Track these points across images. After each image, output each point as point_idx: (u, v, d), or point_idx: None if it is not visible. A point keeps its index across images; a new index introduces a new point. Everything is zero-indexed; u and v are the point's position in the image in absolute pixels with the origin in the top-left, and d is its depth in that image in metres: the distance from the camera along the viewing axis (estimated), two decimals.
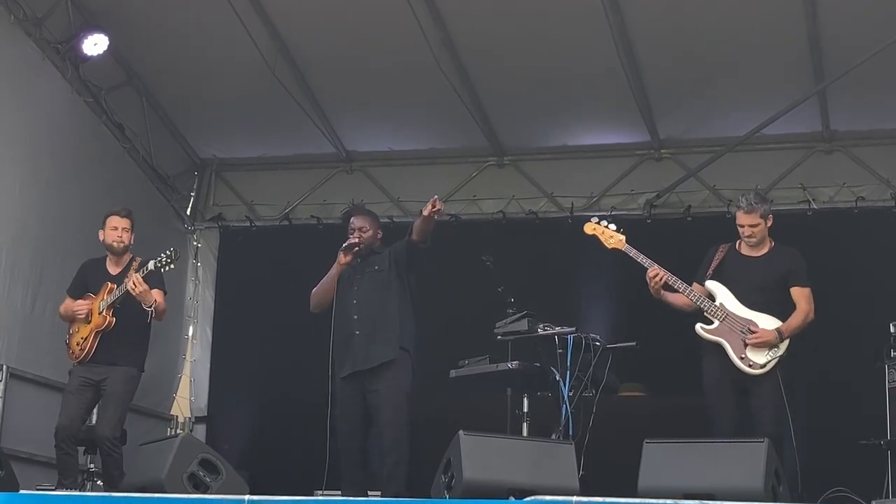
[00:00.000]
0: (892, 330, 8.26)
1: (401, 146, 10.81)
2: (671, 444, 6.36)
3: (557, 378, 7.57)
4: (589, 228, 7.77)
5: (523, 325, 7.80)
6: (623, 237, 7.61)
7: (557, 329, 7.75)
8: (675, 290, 7.42)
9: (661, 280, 7.37)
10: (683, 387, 9.49)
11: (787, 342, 7.22)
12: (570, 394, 7.53)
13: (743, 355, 7.20)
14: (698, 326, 7.35)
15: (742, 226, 7.46)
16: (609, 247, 7.65)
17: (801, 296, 7.35)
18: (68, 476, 7.80)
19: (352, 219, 8.02)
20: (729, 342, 7.25)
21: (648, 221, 10.28)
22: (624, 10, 8.94)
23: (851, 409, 8.67)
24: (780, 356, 7.19)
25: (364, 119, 10.55)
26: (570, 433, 7.41)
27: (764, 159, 10.06)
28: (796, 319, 7.28)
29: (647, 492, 6.05)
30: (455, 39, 9.45)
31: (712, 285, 7.42)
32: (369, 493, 7.69)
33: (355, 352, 7.68)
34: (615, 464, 6.98)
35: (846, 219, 9.83)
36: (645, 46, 9.29)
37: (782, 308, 7.31)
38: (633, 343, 7.99)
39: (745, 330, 7.22)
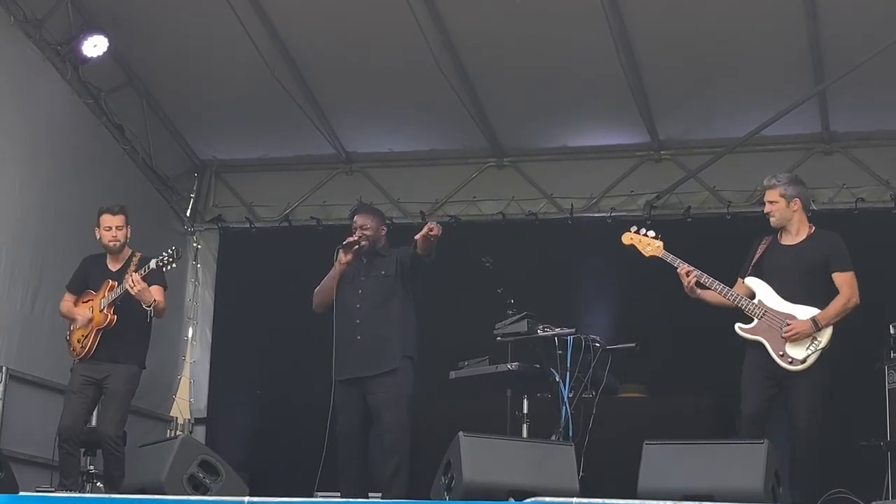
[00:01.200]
0: (891, 331, 8.26)
1: (401, 147, 10.81)
2: (671, 445, 6.34)
3: (557, 379, 7.57)
4: (626, 239, 7.55)
5: (523, 326, 7.79)
6: (661, 244, 7.40)
7: (557, 330, 7.75)
8: (707, 288, 7.21)
9: (693, 277, 7.16)
10: (683, 388, 9.54)
11: (829, 332, 6.97)
12: (570, 395, 7.52)
13: (782, 352, 6.97)
14: (737, 326, 7.14)
15: (764, 201, 7.32)
16: (647, 255, 7.44)
17: (842, 281, 7.10)
18: (69, 476, 7.79)
19: (355, 217, 8.01)
20: (768, 340, 7.02)
21: (648, 223, 10.24)
22: (623, 10, 8.95)
23: (851, 410, 8.66)
24: (823, 348, 6.95)
25: (364, 120, 10.55)
26: (570, 434, 7.41)
27: (764, 160, 10.02)
28: (835, 306, 7.02)
29: (647, 493, 6.04)
30: (455, 40, 9.45)
31: (751, 282, 7.21)
32: (369, 494, 7.69)
33: (356, 357, 7.67)
34: (615, 465, 6.99)
35: (846, 220, 9.80)
36: (645, 47, 9.29)
37: (825, 297, 7.06)
38: (633, 344, 7.98)
39: (784, 325, 6.99)
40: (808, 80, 9.28)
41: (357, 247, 7.80)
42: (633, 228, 7.58)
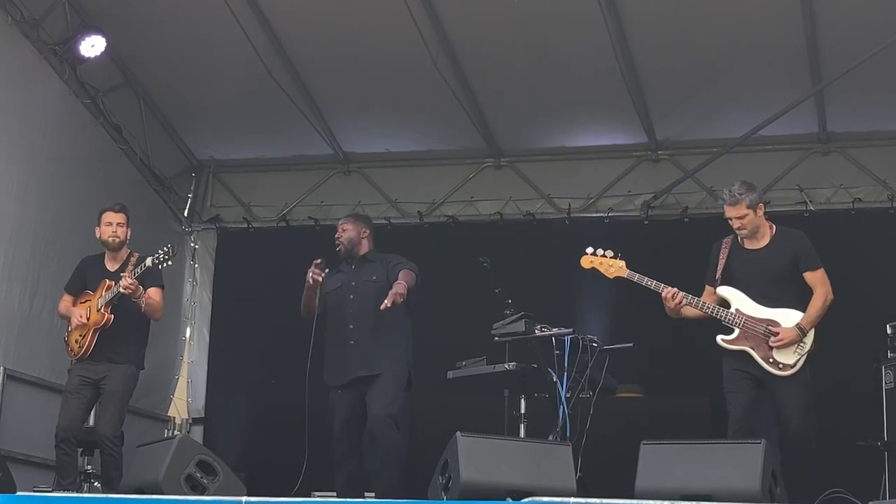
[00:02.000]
0: (888, 331, 8.27)
1: (398, 147, 10.81)
2: (668, 445, 6.34)
3: (555, 379, 7.56)
4: (586, 262, 7.46)
5: (520, 326, 7.78)
6: (623, 263, 7.32)
7: (555, 330, 7.73)
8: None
9: (680, 301, 7.12)
10: (680, 388, 9.56)
11: (812, 334, 6.99)
12: (568, 395, 7.52)
13: (771, 359, 6.97)
14: (719, 338, 7.10)
15: (730, 218, 7.18)
16: (611, 277, 7.37)
17: (815, 280, 7.09)
18: (66, 477, 7.79)
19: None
20: (753, 348, 7.01)
21: (645, 223, 10.29)
22: (621, 11, 8.95)
23: (848, 410, 8.68)
24: (808, 351, 6.97)
25: (361, 120, 10.55)
26: (568, 434, 7.40)
27: (761, 161, 10.06)
28: (815, 307, 7.02)
29: (645, 493, 6.04)
30: (453, 41, 9.45)
31: (724, 291, 7.16)
32: (365, 494, 7.69)
33: (350, 361, 7.71)
34: (612, 465, 6.99)
35: (843, 220, 9.84)
36: (642, 48, 9.30)
37: (799, 295, 7.06)
38: (631, 344, 7.97)
39: (767, 331, 6.98)
40: (805, 80, 9.29)
41: (319, 280, 7.79)
42: (590, 250, 7.46)
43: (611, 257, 7.37)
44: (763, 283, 7.11)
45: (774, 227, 7.27)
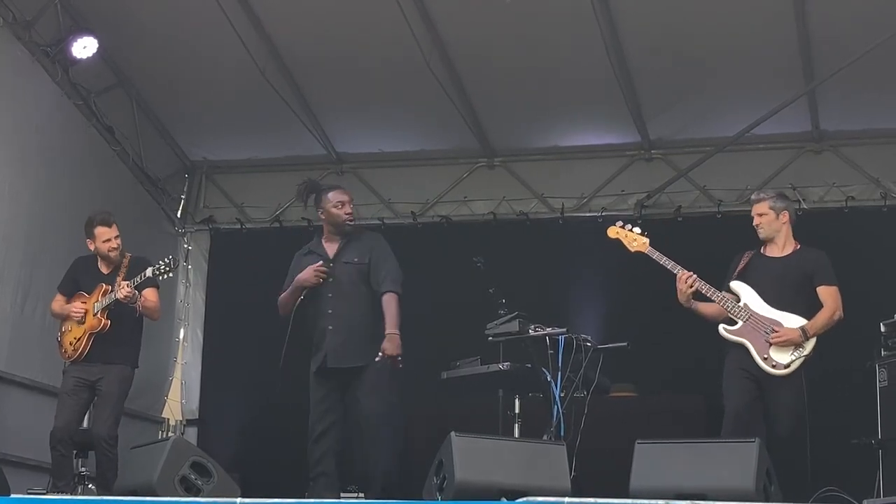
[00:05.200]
0: (882, 330, 8.28)
1: (391, 147, 10.80)
2: (663, 444, 6.35)
3: (549, 379, 7.57)
4: (612, 232, 7.67)
5: (514, 326, 7.78)
6: (647, 240, 7.50)
7: (549, 330, 7.74)
8: (705, 298, 7.30)
9: (693, 287, 7.26)
10: (675, 387, 9.56)
11: (813, 341, 7.12)
12: (562, 394, 7.52)
13: (766, 355, 7.09)
14: (721, 327, 7.24)
15: (753, 216, 7.47)
16: (632, 250, 7.53)
17: (827, 294, 7.25)
18: (62, 478, 7.80)
19: (334, 192, 7.96)
20: (752, 342, 7.14)
21: (639, 222, 10.21)
22: (614, 11, 8.95)
23: (842, 408, 8.68)
24: (806, 356, 7.09)
25: (355, 120, 10.54)
26: (562, 434, 7.41)
27: (754, 159, 10.08)
28: (822, 317, 7.17)
29: (639, 492, 6.04)
30: (445, 40, 9.45)
31: (737, 286, 7.31)
32: (341, 494, 7.62)
33: (328, 348, 7.59)
34: (607, 464, 6.99)
35: (836, 219, 9.86)
36: (635, 47, 9.30)
37: (809, 308, 7.20)
38: (625, 343, 7.99)
39: (769, 330, 7.12)
40: (798, 79, 9.29)
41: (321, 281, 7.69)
42: (619, 223, 7.69)
43: (637, 233, 7.56)
44: (776, 289, 7.27)
45: (800, 244, 7.47)
